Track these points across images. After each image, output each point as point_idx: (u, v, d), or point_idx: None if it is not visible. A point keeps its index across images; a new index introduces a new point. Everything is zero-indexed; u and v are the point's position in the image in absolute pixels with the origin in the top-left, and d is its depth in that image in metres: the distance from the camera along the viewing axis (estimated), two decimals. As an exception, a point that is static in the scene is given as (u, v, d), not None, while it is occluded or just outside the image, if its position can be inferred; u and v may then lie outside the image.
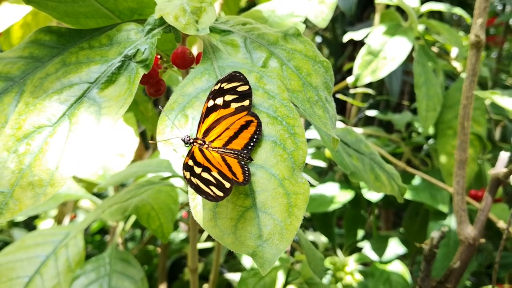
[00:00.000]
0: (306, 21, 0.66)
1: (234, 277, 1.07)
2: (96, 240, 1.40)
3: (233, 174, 0.30)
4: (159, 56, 0.44)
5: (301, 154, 0.31)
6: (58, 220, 1.08)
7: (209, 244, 1.03)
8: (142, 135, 1.22)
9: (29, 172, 0.33)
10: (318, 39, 1.81)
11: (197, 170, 0.31)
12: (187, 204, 0.90)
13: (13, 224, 1.36)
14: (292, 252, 1.14)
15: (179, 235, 1.38)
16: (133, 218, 0.91)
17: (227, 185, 0.29)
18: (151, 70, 0.41)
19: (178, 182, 0.69)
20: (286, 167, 0.31)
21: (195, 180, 0.30)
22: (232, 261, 1.25)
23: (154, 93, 0.43)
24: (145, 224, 0.66)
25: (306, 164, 1.31)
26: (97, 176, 0.82)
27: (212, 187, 0.29)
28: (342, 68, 1.54)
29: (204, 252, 1.24)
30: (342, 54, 1.69)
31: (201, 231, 1.00)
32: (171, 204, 0.69)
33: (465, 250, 0.64)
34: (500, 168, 0.64)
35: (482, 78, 1.15)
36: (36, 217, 1.30)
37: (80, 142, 0.33)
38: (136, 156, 1.10)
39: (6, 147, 0.34)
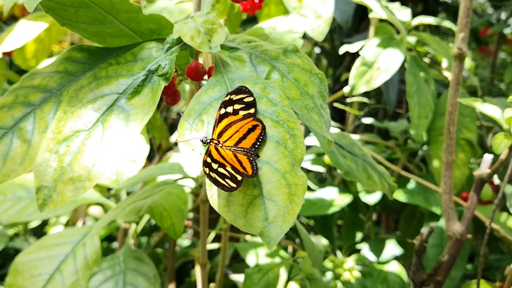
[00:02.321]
0: (304, 34, 0.72)
1: (239, 278, 1.12)
2: (103, 247, 1.45)
3: (244, 168, 0.36)
4: (174, 70, 0.51)
5: (299, 152, 0.37)
6: (72, 224, 1.14)
7: (215, 245, 1.08)
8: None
9: (69, 169, 0.39)
10: (317, 50, 1.85)
11: (214, 166, 0.37)
12: (191, 210, 0.96)
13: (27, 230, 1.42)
14: (293, 253, 1.19)
15: (184, 242, 1.43)
16: (143, 221, 0.96)
17: (239, 177, 0.36)
18: (169, 82, 0.47)
19: (189, 183, 0.75)
20: (287, 163, 0.37)
21: (213, 175, 0.36)
22: (235, 265, 1.30)
23: (171, 102, 0.49)
24: (158, 223, 0.71)
25: (309, 171, 1.36)
26: (111, 180, 0.88)
27: (227, 180, 0.35)
28: (341, 78, 1.59)
29: (209, 255, 1.29)
30: (340, 64, 1.73)
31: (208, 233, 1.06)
32: (181, 205, 0.75)
33: (453, 245, 0.70)
34: (484, 169, 0.69)
35: (473, 87, 1.21)
36: (45, 224, 1.35)
37: (113, 144, 0.39)
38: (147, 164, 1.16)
39: (48, 149, 0.40)
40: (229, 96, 0.40)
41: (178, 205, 0.75)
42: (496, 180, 0.95)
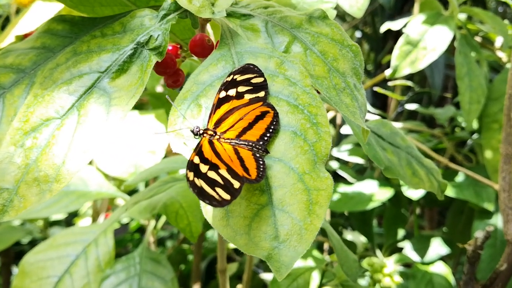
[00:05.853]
0: (344, 15, 0.62)
1: (270, 277, 1.04)
2: (136, 238, 1.40)
3: (245, 170, 0.27)
4: (178, 46, 0.42)
5: (324, 146, 0.28)
6: (93, 218, 1.08)
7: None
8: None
9: (35, 167, 0.31)
10: (358, 34, 1.79)
11: (203, 168, 0.28)
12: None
13: (50, 223, 1.38)
14: (330, 251, 1.11)
15: (215, 234, 1.36)
16: (164, 218, 0.90)
17: (236, 185, 0.27)
18: (168, 59, 0.39)
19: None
20: (306, 160, 0.28)
21: (198, 182, 0.27)
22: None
23: (172, 84, 0.41)
24: (173, 223, 0.64)
25: (347, 162, 1.27)
26: (129, 173, 0.81)
27: (218, 189, 0.26)
28: (382, 62, 1.50)
29: (239, 251, 1.22)
30: (382, 49, 1.66)
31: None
32: (200, 202, 0.67)
33: (513, 251, 0.60)
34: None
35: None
36: (75, 215, 1.31)
37: (88, 135, 0.31)
38: (171, 153, 1.09)
39: (13, 141, 0.32)
40: (232, 76, 0.31)
41: (197, 202, 0.67)
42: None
